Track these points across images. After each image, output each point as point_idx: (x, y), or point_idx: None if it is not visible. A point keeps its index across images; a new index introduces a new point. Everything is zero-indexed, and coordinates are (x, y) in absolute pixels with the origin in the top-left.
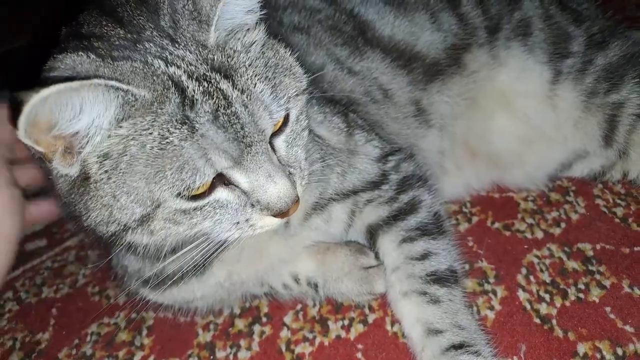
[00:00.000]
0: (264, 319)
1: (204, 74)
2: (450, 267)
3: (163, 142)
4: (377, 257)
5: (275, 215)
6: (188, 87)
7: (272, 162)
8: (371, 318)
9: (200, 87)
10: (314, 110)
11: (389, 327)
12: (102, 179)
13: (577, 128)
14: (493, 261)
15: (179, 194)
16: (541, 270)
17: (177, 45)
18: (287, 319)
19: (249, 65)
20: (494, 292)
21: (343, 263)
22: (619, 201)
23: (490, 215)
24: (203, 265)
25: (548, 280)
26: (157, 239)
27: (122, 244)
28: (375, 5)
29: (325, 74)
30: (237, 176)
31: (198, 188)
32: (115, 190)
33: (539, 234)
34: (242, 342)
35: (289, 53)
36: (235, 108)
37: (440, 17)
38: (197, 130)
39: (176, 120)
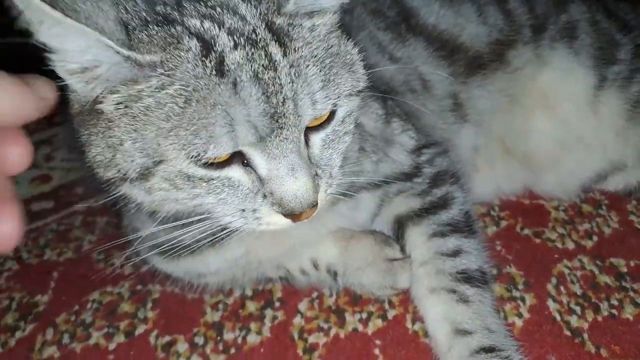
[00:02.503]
0: (277, 304)
1: (254, 33)
2: (481, 267)
3: (182, 100)
4: (402, 250)
5: (285, 215)
6: (219, 42)
7: (300, 155)
8: (391, 314)
9: (242, 47)
10: None
11: (409, 325)
12: (114, 118)
13: (619, 137)
14: (522, 267)
15: (187, 156)
16: (572, 282)
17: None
18: (302, 306)
19: (308, 43)
20: (523, 299)
21: (367, 252)
22: None
23: (519, 220)
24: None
25: (579, 292)
26: (153, 200)
27: (115, 194)
28: None
29: (366, 58)
30: (258, 158)
31: (212, 158)
32: (124, 133)
33: (570, 245)
34: (253, 326)
35: (356, 50)
36: (280, 78)
37: (487, 10)
38: (228, 89)
39: (202, 77)
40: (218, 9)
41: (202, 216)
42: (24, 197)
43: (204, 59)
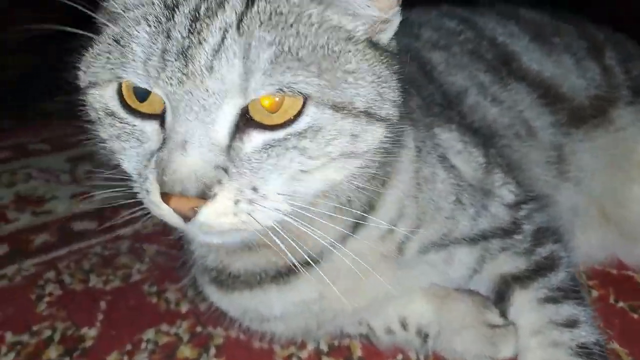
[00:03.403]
0: None
1: None
2: (598, 341)
3: (131, 20)
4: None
5: (162, 192)
6: None
7: (205, 128)
8: None
9: None
10: (452, 137)
11: None
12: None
13: None
14: (625, 344)
15: (111, 78)
16: None
17: None
18: None
19: (282, 20)
20: None
21: (465, 314)
22: None
23: (611, 291)
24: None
25: None
26: (95, 130)
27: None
28: (522, 38)
29: (467, 98)
30: (168, 114)
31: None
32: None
33: None
34: None
35: (367, 67)
36: (215, 21)
37: (585, 64)
38: (164, 13)
39: None
40: None
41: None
42: (65, 215)
43: None
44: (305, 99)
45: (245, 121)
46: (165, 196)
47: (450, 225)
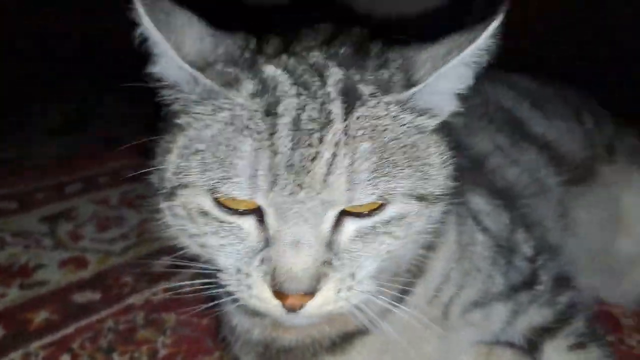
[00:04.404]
0: None
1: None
2: None
3: (222, 126)
4: None
5: (273, 291)
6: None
7: (314, 229)
8: None
9: (299, 95)
10: (483, 201)
11: None
12: (176, 131)
13: None
14: None
15: (206, 185)
16: None
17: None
18: None
19: (379, 119)
20: None
21: None
22: None
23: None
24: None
25: None
26: (176, 225)
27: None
28: (524, 105)
29: (489, 160)
30: (271, 216)
31: (227, 196)
32: (175, 144)
33: None
34: None
35: (441, 155)
36: (324, 136)
37: (573, 128)
38: (265, 128)
39: (249, 111)
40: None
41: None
42: (60, 286)
43: (257, 97)
44: None
45: (341, 213)
46: (279, 294)
47: (489, 283)
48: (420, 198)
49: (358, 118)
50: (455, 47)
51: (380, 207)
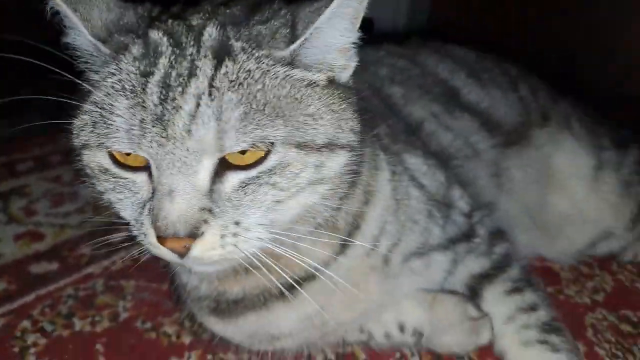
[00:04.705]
0: None
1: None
2: (556, 317)
3: (110, 90)
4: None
5: (157, 236)
6: (160, 50)
7: (188, 179)
8: None
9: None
10: (419, 161)
11: None
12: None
13: (612, 211)
14: (561, 321)
15: (98, 143)
16: (604, 331)
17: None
18: None
19: (249, 79)
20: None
21: (452, 313)
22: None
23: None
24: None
25: (613, 339)
26: (89, 185)
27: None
28: (459, 74)
29: (425, 126)
30: (154, 169)
31: (115, 151)
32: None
33: (587, 300)
34: None
35: (325, 104)
36: (187, 90)
37: (508, 96)
38: (139, 86)
39: (130, 74)
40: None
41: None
42: (14, 258)
43: (138, 60)
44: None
45: (222, 165)
46: (160, 239)
47: (426, 235)
48: (300, 146)
49: (225, 72)
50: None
51: (262, 158)
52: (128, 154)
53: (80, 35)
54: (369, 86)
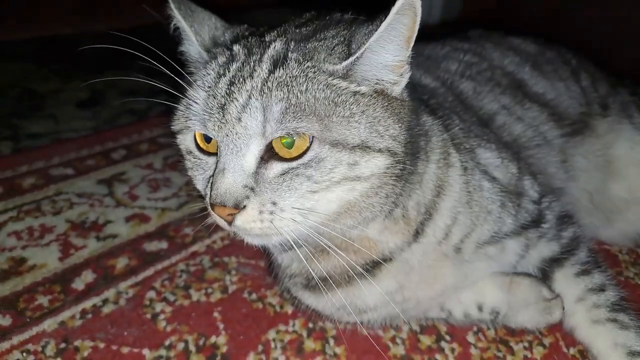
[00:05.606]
0: (447, 337)
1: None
2: (623, 296)
3: (201, 85)
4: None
5: (210, 204)
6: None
7: (238, 160)
8: (547, 341)
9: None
10: (492, 155)
11: (565, 350)
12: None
13: None
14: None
15: (184, 128)
16: None
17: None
18: (470, 338)
19: (295, 83)
20: None
21: (528, 294)
22: None
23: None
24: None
25: None
26: (183, 163)
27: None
28: (524, 67)
29: (496, 119)
30: (219, 150)
31: (195, 132)
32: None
33: None
34: (439, 357)
35: (360, 109)
36: (245, 86)
37: (571, 87)
38: (212, 82)
39: (212, 75)
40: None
41: None
42: (129, 237)
43: (220, 66)
44: (312, 138)
45: (270, 154)
46: (212, 206)
47: (499, 224)
48: (333, 144)
49: (276, 76)
50: (376, 25)
51: (303, 153)
52: (209, 142)
53: (192, 45)
54: (442, 83)
